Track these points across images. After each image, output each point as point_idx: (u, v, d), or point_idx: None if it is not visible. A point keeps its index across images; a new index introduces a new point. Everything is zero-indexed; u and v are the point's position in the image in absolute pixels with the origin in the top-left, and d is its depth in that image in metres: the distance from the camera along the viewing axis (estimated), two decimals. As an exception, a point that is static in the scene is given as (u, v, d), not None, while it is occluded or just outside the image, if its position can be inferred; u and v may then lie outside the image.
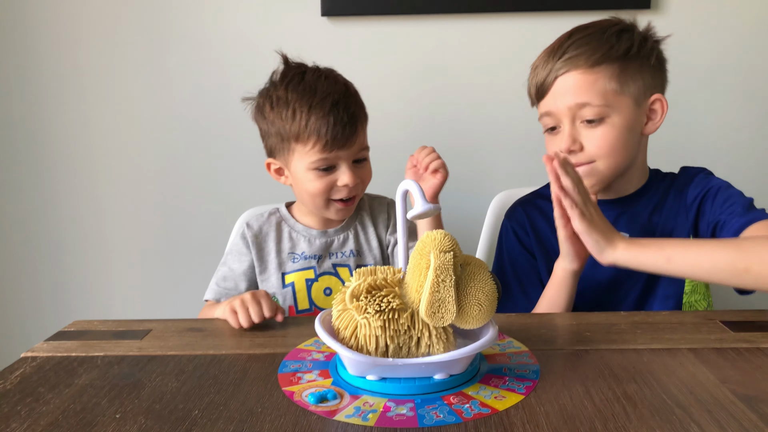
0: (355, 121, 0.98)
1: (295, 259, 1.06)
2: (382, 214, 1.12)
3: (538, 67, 0.97)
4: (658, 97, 0.95)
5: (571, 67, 0.92)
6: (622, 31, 0.94)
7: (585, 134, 0.93)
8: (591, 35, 0.94)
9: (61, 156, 1.54)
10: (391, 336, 0.61)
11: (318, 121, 0.95)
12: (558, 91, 0.94)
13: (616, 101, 0.92)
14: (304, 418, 0.57)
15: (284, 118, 0.97)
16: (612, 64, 0.91)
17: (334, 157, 0.98)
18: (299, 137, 0.97)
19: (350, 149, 0.98)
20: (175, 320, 0.84)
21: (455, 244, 0.61)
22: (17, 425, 0.57)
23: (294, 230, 1.08)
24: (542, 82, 0.95)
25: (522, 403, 0.59)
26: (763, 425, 0.54)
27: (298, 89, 0.98)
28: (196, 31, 1.47)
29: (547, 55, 0.95)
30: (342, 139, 0.96)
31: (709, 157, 1.47)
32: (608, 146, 0.92)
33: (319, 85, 0.98)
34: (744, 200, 0.91)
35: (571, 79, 0.92)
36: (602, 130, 0.92)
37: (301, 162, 0.99)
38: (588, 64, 0.91)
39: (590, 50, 0.92)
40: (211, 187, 1.54)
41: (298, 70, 1.02)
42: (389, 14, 1.43)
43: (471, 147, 1.50)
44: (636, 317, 0.81)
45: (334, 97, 0.97)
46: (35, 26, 1.48)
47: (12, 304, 1.62)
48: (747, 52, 1.45)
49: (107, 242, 1.58)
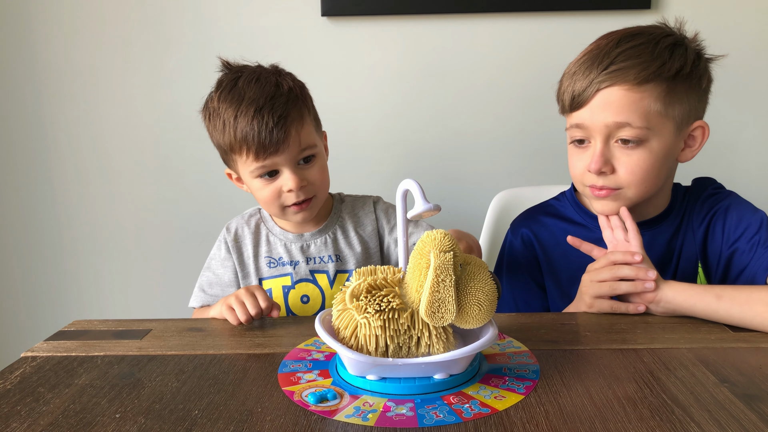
0: (285, 122, 0.92)
1: (271, 264, 1.03)
2: (367, 215, 1.08)
3: (577, 74, 0.87)
4: (701, 124, 0.88)
5: (617, 80, 0.83)
6: (676, 45, 0.85)
7: (619, 156, 0.85)
8: (642, 47, 0.84)
9: (61, 156, 1.54)
10: (391, 336, 0.61)
11: (244, 130, 0.91)
12: (597, 106, 0.84)
13: (658, 124, 0.84)
14: (304, 418, 0.57)
15: (218, 130, 0.95)
16: (661, 83, 0.83)
17: (271, 164, 0.94)
18: (233, 148, 0.94)
19: (286, 152, 0.93)
20: (175, 320, 0.84)
21: (455, 244, 0.61)
22: (17, 425, 0.57)
23: (272, 233, 1.05)
24: (581, 92, 0.86)
25: (522, 403, 0.59)
26: (763, 425, 0.54)
27: (228, 98, 0.94)
28: (196, 31, 1.47)
29: (590, 62, 0.86)
30: (272, 144, 0.91)
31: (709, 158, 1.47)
32: (642, 173, 0.85)
33: (247, 90, 0.94)
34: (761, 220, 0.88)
35: (615, 94, 0.83)
36: (638, 155, 0.84)
37: (244, 171, 0.97)
38: (636, 80, 0.82)
39: (640, 65, 0.83)
40: (211, 187, 1.54)
41: (233, 77, 0.97)
42: (389, 14, 1.43)
43: (471, 147, 1.50)
44: (636, 317, 0.81)
45: (259, 102, 0.92)
46: (35, 26, 1.48)
47: (12, 304, 1.62)
48: (747, 52, 1.45)
49: (107, 242, 1.58)
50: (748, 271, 0.86)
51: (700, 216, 0.94)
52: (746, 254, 0.87)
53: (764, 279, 0.84)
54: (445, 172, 1.52)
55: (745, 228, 0.89)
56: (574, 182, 0.94)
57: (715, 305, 0.76)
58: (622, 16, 1.41)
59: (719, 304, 0.76)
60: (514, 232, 1.02)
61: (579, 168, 0.90)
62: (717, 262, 0.92)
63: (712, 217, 0.93)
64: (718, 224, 0.92)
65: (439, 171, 1.52)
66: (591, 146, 0.87)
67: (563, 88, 0.90)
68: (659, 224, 0.95)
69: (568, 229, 0.99)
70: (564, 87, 0.90)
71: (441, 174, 1.52)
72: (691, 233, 0.94)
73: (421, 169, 1.52)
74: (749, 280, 0.86)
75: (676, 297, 0.78)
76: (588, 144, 0.88)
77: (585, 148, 0.88)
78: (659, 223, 0.95)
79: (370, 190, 1.12)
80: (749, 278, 0.86)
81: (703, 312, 0.77)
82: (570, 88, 0.88)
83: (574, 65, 0.89)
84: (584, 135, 0.88)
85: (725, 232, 0.91)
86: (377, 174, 1.51)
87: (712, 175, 1.01)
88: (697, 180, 1.00)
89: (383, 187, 1.16)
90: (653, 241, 0.94)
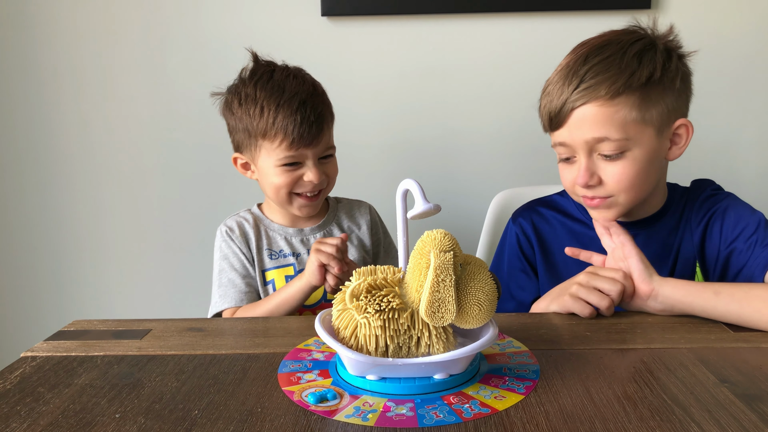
0: (322, 120, 1.00)
1: (272, 256, 1.07)
2: (363, 216, 1.14)
3: (552, 93, 0.88)
4: (684, 122, 0.88)
5: (590, 98, 0.84)
6: (644, 51, 0.86)
7: (603, 168, 0.87)
8: (609, 60, 0.85)
9: (61, 156, 1.54)
10: (391, 336, 0.61)
11: (285, 120, 0.97)
12: (574, 124, 0.86)
13: (637, 133, 0.85)
14: (304, 418, 0.57)
15: (252, 115, 0.99)
16: (633, 92, 0.84)
17: (300, 155, 1.00)
18: (266, 134, 0.99)
19: (316, 147, 1.00)
20: (175, 320, 0.83)
21: (455, 243, 0.61)
22: (17, 425, 0.57)
23: (270, 229, 1.09)
24: (557, 112, 0.87)
25: (522, 403, 0.59)
26: (763, 425, 0.54)
27: (266, 87, 1.00)
28: (196, 31, 1.47)
29: (562, 81, 0.87)
30: (308, 137, 0.98)
31: (709, 158, 1.47)
32: (628, 181, 0.86)
33: (287, 83, 1.00)
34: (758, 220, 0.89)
35: (589, 111, 0.84)
36: (622, 165, 0.86)
37: (268, 158, 1.01)
38: (608, 95, 0.83)
39: (609, 79, 0.83)
40: (211, 186, 1.54)
41: (267, 68, 1.03)
42: (389, 14, 1.43)
43: (471, 147, 1.50)
44: (636, 317, 0.81)
45: (302, 96, 0.99)
46: (35, 26, 1.48)
47: (12, 304, 1.62)
48: (747, 52, 1.45)
49: (107, 242, 1.59)
50: (746, 270, 0.87)
51: (698, 216, 0.94)
52: (744, 254, 0.87)
53: (762, 277, 0.84)
54: (445, 172, 1.52)
55: (743, 228, 0.89)
56: (568, 193, 0.96)
57: (713, 302, 0.76)
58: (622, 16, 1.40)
59: (717, 300, 0.76)
60: (514, 221, 1.05)
61: (569, 181, 0.91)
62: (714, 262, 0.92)
63: (710, 218, 0.93)
64: (716, 225, 0.92)
65: (439, 171, 1.52)
66: (576, 161, 0.89)
67: (541, 107, 0.92)
68: (655, 223, 0.96)
69: (568, 224, 1.01)
70: (542, 106, 0.91)
71: (441, 174, 1.52)
72: (689, 234, 0.94)
73: (421, 169, 1.52)
74: (747, 279, 0.86)
75: (674, 293, 0.78)
76: (574, 159, 0.89)
77: (572, 163, 0.90)
78: (655, 222, 0.96)
79: (370, 190, 1.13)
80: (747, 277, 0.86)
81: (701, 308, 0.77)
82: (547, 109, 0.89)
83: (548, 84, 0.90)
84: (568, 153, 0.89)
85: (723, 233, 0.91)
86: (377, 174, 1.51)
87: (712, 176, 1.01)
88: (695, 182, 1.00)
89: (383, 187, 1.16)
90: (649, 239, 0.95)
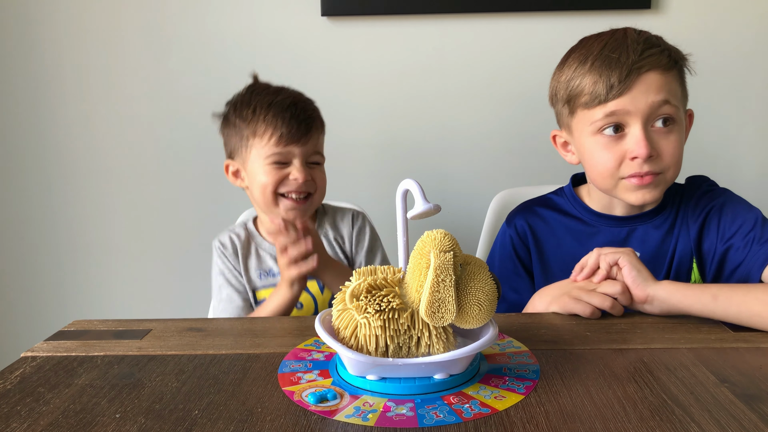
0: (311, 122, 1.05)
1: (262, 276, 1.09)
2: (345, 227, 1.14)
3: (603, 66, 0.87)
4: (690, 111, 0.94)
5: (654, 65, 0.86)
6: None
7: (657, 140, 0.87)
8: (652, 38, 0.90)
9: (61, 156, 1.54)
10: (391, 336, 0.61)
11: (276, 116, 1.02)
12: (640, 88, 0.86)
13: (681, 106, 0.89)
14: (304, 418, 0.57)
15: (245, 117, 1.04)
16: (676, 68, 0.89)
17: (288, 152, 1.03)
18: (256, 132, 1.03)
19: (304, 147, 1.03)
20: (175, 320, 0.83)
21: (455, 243, 0.61)
22: (17, 425, 0.57)
23: (261, 248, 1.11)
24: (624, 77, 0.85)
25: (522, 403, 0.59)
26: (763, 425, 0.54)
27: (262, 93, 1.06)
28: (196, 31, 1.47)
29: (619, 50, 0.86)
30: (297, 133, 1.02)
31: (709, 157, 1.47)
32: (679, 154, 0.88)
33: (281, 91, 1.07)
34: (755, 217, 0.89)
35: (654, 76, 0.86)
36: (674, 136, 0.88)
37: (257, 157, 1.03)
38: (667, 64, 0.87)
39: (663, 51, 0.88)
40: (211, 186, 1.54)
41: (264, 83, 1.08)
42: (389, 14, 1.43)
43: (471, 147, 1.50)
44: (636, 317, 0.81)
45: (294, 98, 1.05)
46: (36, 26, 1.48)
47: (12, 304, 1.62)
48: (747, 52, 1.45)
49: (107, 242, 1.59)
50: (743, 267, 0.86)
51: (695, 213, 0.94)
52: (741, 251, 0.87)
53: (759, 276, 0.84)
54: (445, 172, 1.52)
55: (740, 225, 0.89)
56: (602, 179, 0.91)
57: (712, 305, 0.75)
58: (623, 16, 1.41)
59: (716, 304, 0.75)
60: (509, 223, 1.03)
61: (612, 160, 0.88)
62: (711, 258, 0.92)
63: (708, 214, 0.93)
64: (713, 221, 0.92)
65: (439, 171, 1.52)
66: (627, 135, 0.87)
67: (582, 83, 0.88)
68: (653, 218, 0.95)
69: (565, 222, 0.99)
70: (585, 81, 0.88)
71: (441, 174, 1.52)
72: (686, 230, 0.94)
73: (421, 169, 1.52)
74: (744, 276, 0.86)
75: (671, 297, 0.77)
76: (621, 134, 0.88)
77: (618, 139, 0.88)
78: (653, 217, 0.95)
79: (370, 190, 1.13)
80: (744, 275, 0.86)
81: (699, 312, 0.76)
82: (603, 79, 0.86)
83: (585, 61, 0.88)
84: (618, 121, 0.87)
85: (720, 229, 0.91)
86: (377, 174, 1.51)
87: (710, 175, 1.01)
88: (690, 178, 1.00)
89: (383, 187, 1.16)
90: (646, 234, 0.95)
